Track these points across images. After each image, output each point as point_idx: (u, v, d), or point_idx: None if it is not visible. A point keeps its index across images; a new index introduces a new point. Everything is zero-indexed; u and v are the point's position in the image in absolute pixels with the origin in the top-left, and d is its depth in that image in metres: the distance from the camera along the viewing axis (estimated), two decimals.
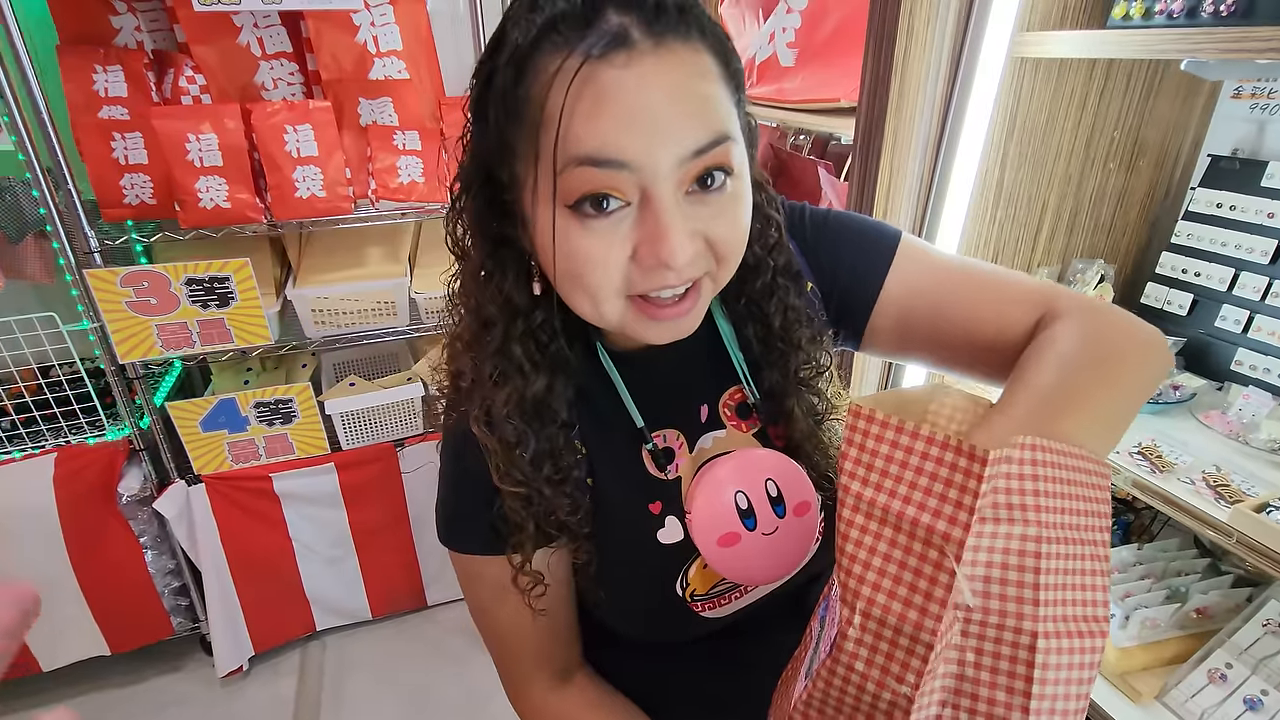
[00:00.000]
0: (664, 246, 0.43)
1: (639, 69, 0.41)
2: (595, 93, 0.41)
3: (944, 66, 0.85)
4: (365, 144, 1.70)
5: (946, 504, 0.36)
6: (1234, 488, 0.76)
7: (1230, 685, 0.81)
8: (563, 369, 0.55)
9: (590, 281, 0.46)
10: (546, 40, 0.42)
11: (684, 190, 0.45)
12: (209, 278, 1.55)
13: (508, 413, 0.53)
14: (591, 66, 0.41)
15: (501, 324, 0.53)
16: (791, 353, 0.58)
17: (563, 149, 0.42)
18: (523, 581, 0.57)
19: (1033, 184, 0.96)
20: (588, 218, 0.44)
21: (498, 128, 0.46)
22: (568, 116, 0.41)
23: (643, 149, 0.42)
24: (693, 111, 0.43)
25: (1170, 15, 0.78)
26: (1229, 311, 0.95)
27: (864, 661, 0.41)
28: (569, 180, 0.43)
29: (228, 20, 1.60)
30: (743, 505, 0.55)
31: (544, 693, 0.65)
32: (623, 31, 0.41)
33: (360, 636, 2.05)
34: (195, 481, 1.72)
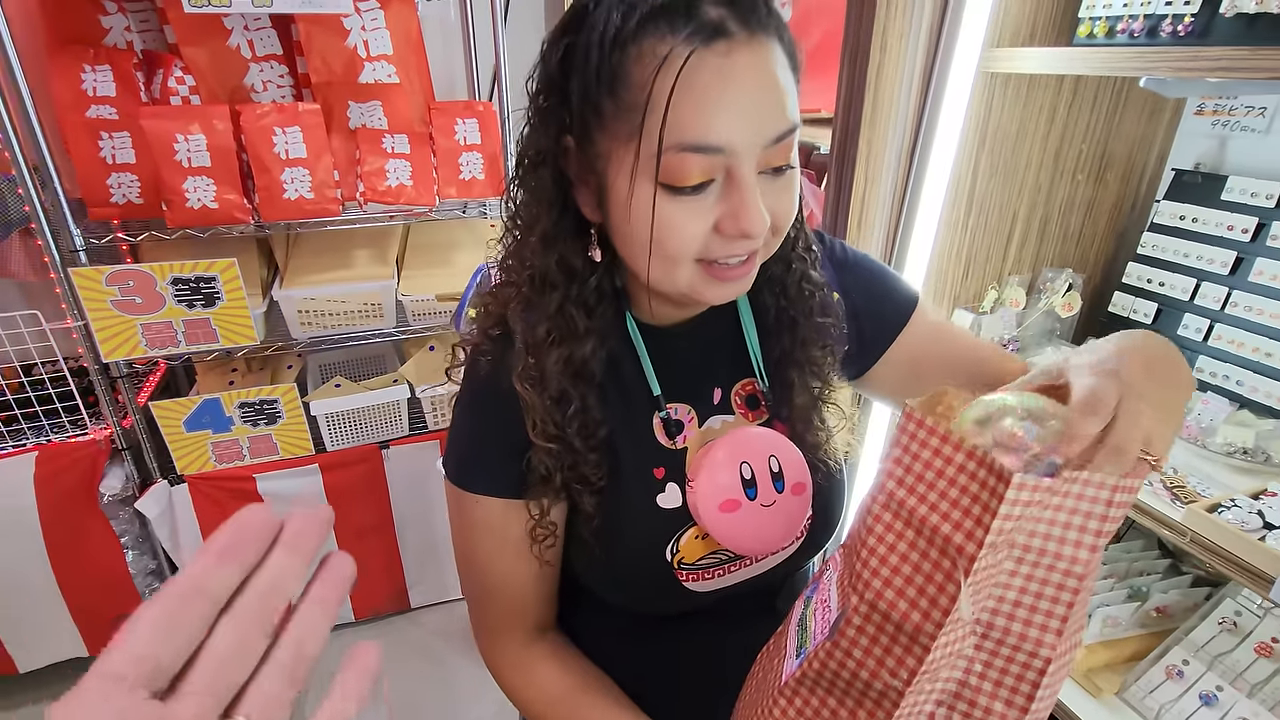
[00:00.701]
0: (747, 220, 0.48)
1: (737, 58, 0.45)
2: (702, 82, 0.45)
3: (916, 80, 0.88)
4: (354, 147, 1.71)
5: (968, 519, 0.37)
6: (1190, 489, 0.79)
7: (1187, 681, 0.84)
8: (605, 333, 0.59)
9: (672, 248, 0.50)
10: (651, 25, 0.45)
11: (759, 171, 0.49)
12: (195, 278, 1.55)
13: (558, 371, 0.56)
14: (698, 56, 0.44)
15: (562, 288, 0.56)
16: (801, 319, 0.62)
17: (669, 133, 0.46)
18: (538, 533, 0.61)
19: (1003, 194, 0.99)
20: (680, 193, 0.48)
21: (584, 101, 0.49)
22: (676, 103, 0.45)
23: (737, 134, 0.46)
24: (776, 101, 0.47)
25: (1131, 34, 0.82)
26: (1190, 320, 0.98)
27: (862, 650, 0.43)
28: (672, 162, 0.46)
29: (218, 22, 1.62)
30: (746, 475, 0.59)
31: (516, 646, 0.67)
32: (721, 23, 0.45)
33: (343, 639, 2.05)
34: (178, 481, 1.72)
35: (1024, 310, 1.06)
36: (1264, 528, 0.71)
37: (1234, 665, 0.84)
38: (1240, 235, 0.94)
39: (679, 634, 0.69)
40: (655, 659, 0.69)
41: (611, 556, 0.64)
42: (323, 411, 1.79)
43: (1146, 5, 0.80)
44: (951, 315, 1.06)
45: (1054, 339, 1.08)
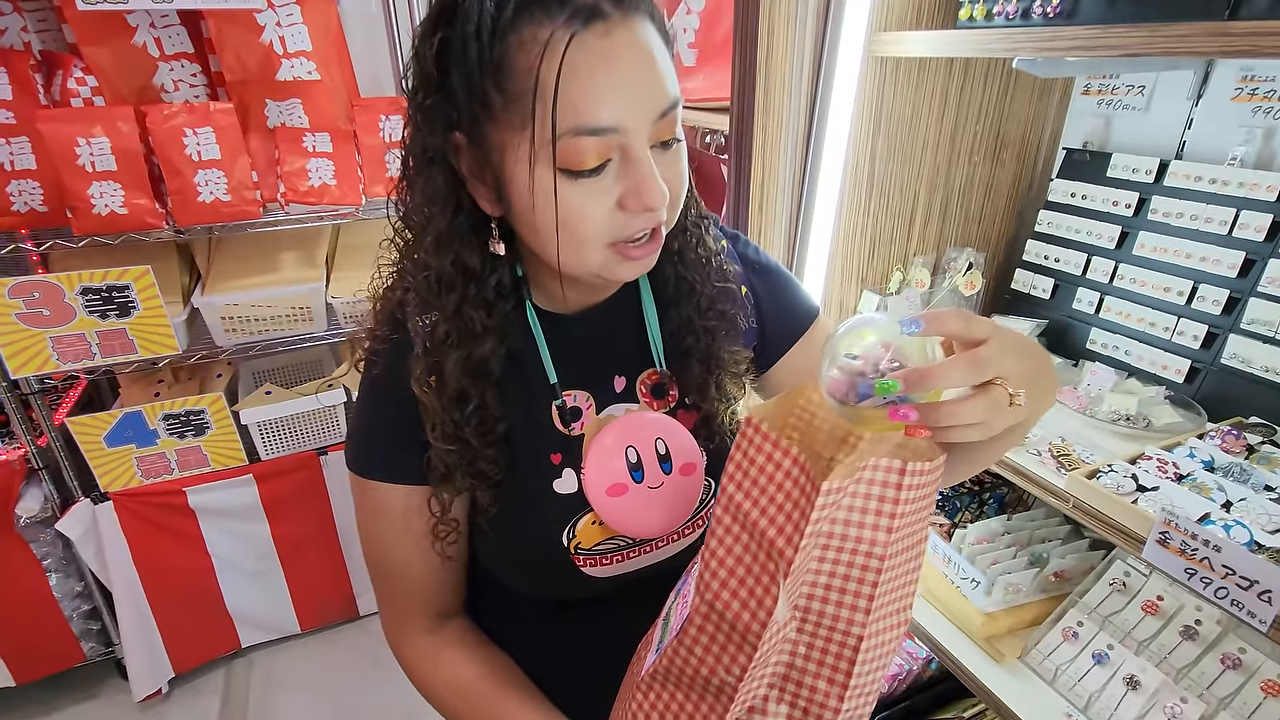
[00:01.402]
0: (649, 194, 0.49)
1: (615, 39, 0.46)
2: (587, 64, 0.45)
3: (807, 66, 0.89)
4: (273, 146, 1.67)
5: (789, 523, 0.39)
6: (1074, 457, 0.81)
7: (1081, 642, 0.87)
8: (506, 329, 0.59)
9: (581, 232, 0.50)
10: (527, 12, 0.46)
11: (650, 145, 0.50)
12: (107, 287, 1.50)
13: (456, 372, 0.56)
14: (579, 39, 0.45)
15: (459, 289, 0.56)
16: (699, 285, 0.63)
17: (562, 119, 0.46)
18: (440, 529, 0.61)
19: (903, 177, 1.01)
20: (580, 176, 0.48)
21: (467, 94, 0.48)
22: (565, 88, 0.45)
23: (627, 113, 0.47)
24: (658, 76, 0.48)
25: (1006, 16, 0.84)
26: (1083, 294, 1.02)
27: (702, 648, 0.44)
28: (568, 147, 0.47)
29: (121, 20, 1.55)
30: (632, 459, 0.59)
31: (420, 634, 0.67)
32: (595, 4, 0.46)
33: (289, 651, 2.00)
34: (102, 499, 1.65)
35: (930, 290, 1.09)
36: (1137, 490, 0.74)
37: (1123, 624, 0.87)
38: (1124, 210, 0.97)
39: (583, 621, 0.69)
40: (560, 645, 0.70)
41: (510, 543, 0.64)
42: (254, 420, 1.75)
43: None
44: (860, 297, 1.07)
45: None
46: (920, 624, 0.97)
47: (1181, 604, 0.86)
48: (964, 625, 0.95)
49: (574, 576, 0.63)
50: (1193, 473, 0.76)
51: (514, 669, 0.68)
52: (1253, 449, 0.80)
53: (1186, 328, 0.90)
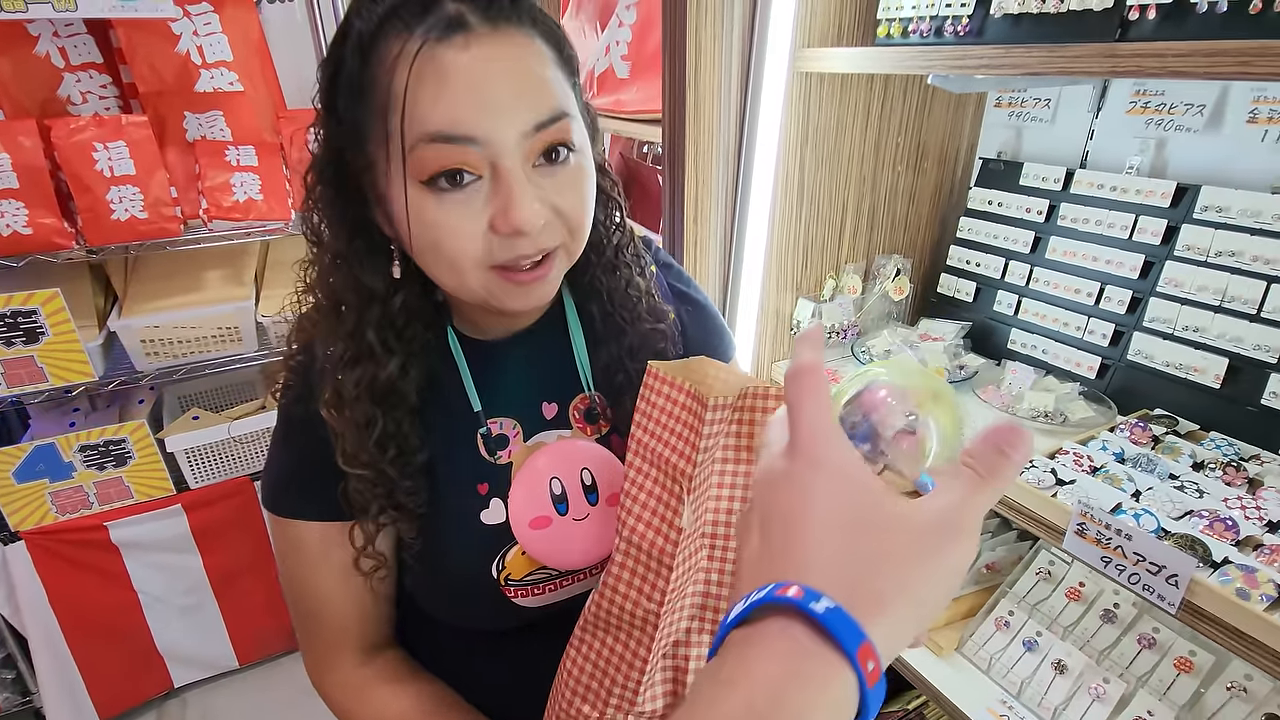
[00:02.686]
0: (515, 214, 0.46)
1: (477, 50, 0.45)
2: (438, 72, 0.44)
3: (735, 80, 0.91)
4: (193, 160, 1.60)
5: (686, 445, 0.42)
6: None
7: (1012, 630, 0.91)
8: (417, 353, 0.57)
9: (450, 253, 0.48)
10: (388, 25, 0.45)
11: (531, 163, 0.48)
12: (11, 312, 1.40)
13: (358, 395, 0.54)
14: (431, 48, 0.44)
15: (355, 308, 0.54)
16: (628, 327, 0.62)
17: (410, 127, 0.45)
18: (365, 564, 0.59)
19: (831, 186, 1.04)
20: (442, 192, 0.47)
21: (348, 113, 0.48)
22: (412, 96, 0.44)
23: (488, 124, 0.45)
24: (531, 90, 0.46)
25: (921, 34, 0.87)
26: (1003, 296, 1.07)
27: (625, 584, 0.47)
28: (420, 157, 0.45)
29: (21, 28, 1.46)
30: (556, 491, 0.58)
31: (349, 668, 0.65)
32: (459, 16, 0.45)
33: (227, 687, 1.91)
34: (13, 539, 1.54)
35: (861, 296, 1.12)
36: (1056, 484, 0.78)
37: (1050, 611, 0.91)
38: (1036, 217, 1.03)
39: (517, 649, 0.68)
40: (494, 674, 0.68)
41: (438, 575, 0.62)
42: (181, 447, 1.66)
43: (932, 7, 0.86)
44: (795, 305, 1.10)
45: (890, 322, 1.15)
46: None
47: (1101, 589, 0.91)
48: None
49: (505, 608, 0.62)
50: (1105, 465, 0.81)
51: (447, 696, 0.66)
52: (1158, 439, 0.85)
53: (1096, 326, 0.96)
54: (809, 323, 1.08)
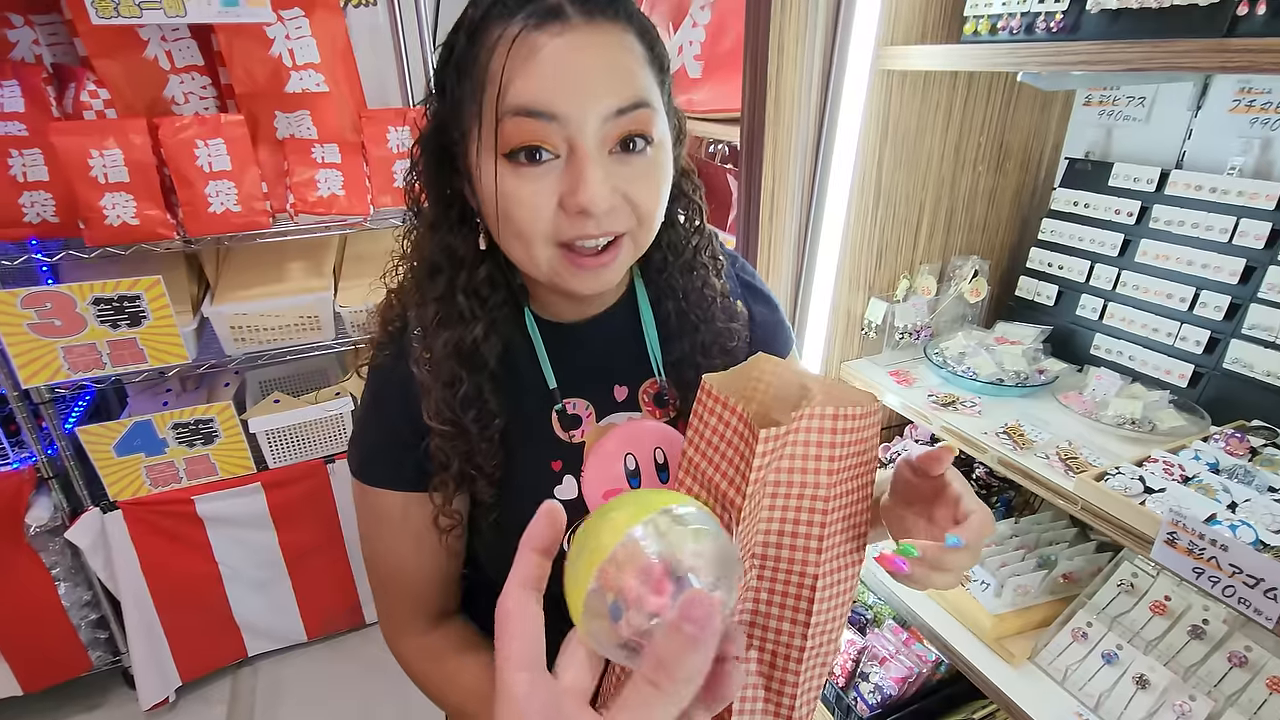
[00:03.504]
0: (584, 193, 0.48)
1: (570, 37, 0.48)
2: (531, 53, 0.47)
3: (816, 79, 0.91)
4: (282, 158, 1.68)
5: (737, 474, 0.42)
6: (1082, 460, 0.83)
7: (1090, 642, 0.88)
8: (498, 323, 0.61)
9: (521, 224, 0.51)
10: (494, 11, 0.49)
11: (608, 149, 0.50)
12: (118, 297, 1.51)
13: (446, 354, 0.58)
14: (529, 33, 0.47)
15: (447, 272, 0.58)
16: (701, 325, 0.64)
17: (501, 103, 0.48)
18: (443, 522, 0.62)
19: (909, 186, 1.03)
20: (521, 166, 0.49)
21: (451, 92, 0.52)
22: (508, 76, 0.48)
23: (570, 102, 0.48)
24: (616, 76, 0.49)
25: (1011, 31, 0.86)
26: (1087, 300, 1.04)
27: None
28: (506, 130, 0.48)
29: (133, 33, 1.57)
30: (630, 466, 0.61)
31: (419, 634, 0.69)
32: (558, 6, 0.48)
33: (295, 660, 2.01)
34: (111, 508, 1.66)
35: (935, 297, 1.10)
36: (1144, 492, 0.75)
37: (1132, 625, 0.88)
38: (1126, 219, 1.00)
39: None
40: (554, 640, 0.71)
41: (508, 547, 0.65)
42: (262, 429, 1.76)
43: (1024, 3, 0.84)
44: (867, 305, 1.09)
45: (965, 324, 1.13)
46: (930, 625, 0.99)
47: (1189, 604, 0.88)
48: (974, 627, 0.96)
49: None
50: (1198, 475, 0.78)
51: None
52: (1256, 451, 0.81)
53: (1189, 333, 0.92)
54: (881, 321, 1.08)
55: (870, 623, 1.28)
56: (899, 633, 1.21)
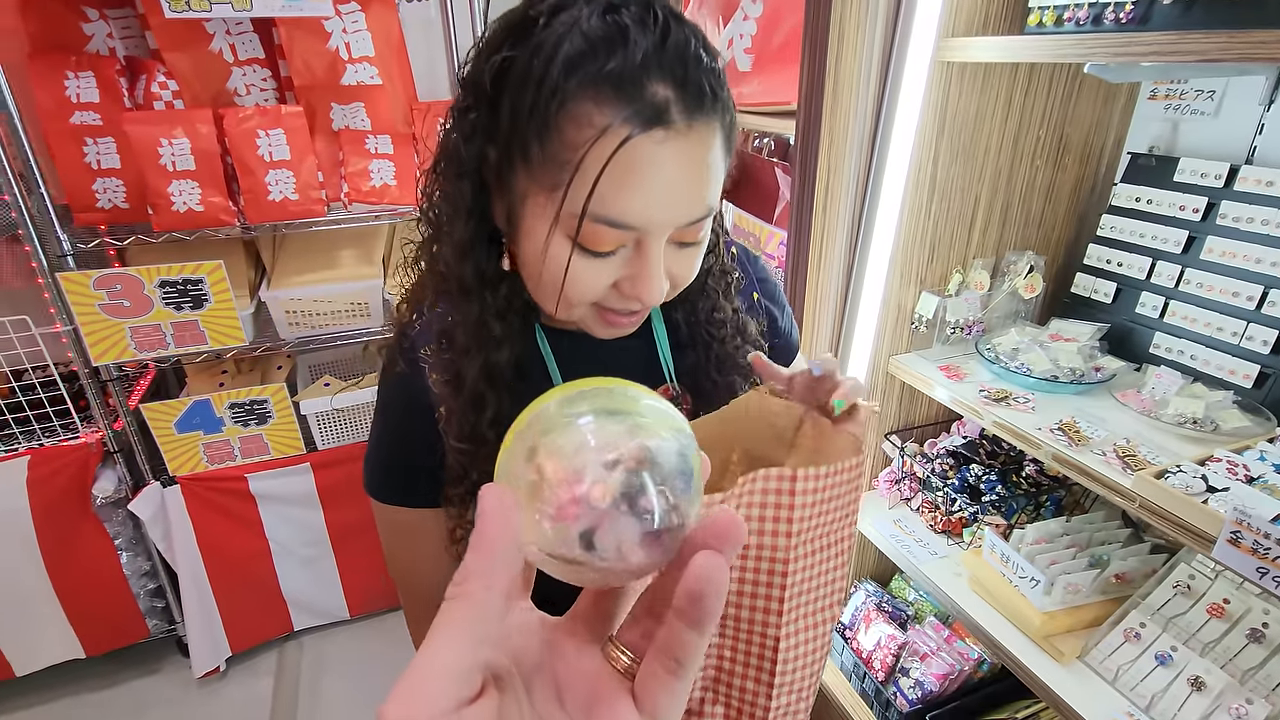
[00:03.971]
0: (646, 288, 0.50)
1: (671, 148, 0.46)
2: (630, 166, 0.45)
3: (874, 70, 0.91)
4: (337, 148, 1.74)
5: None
6: (1140, 458, 0.82)
7: (1144, 643, 0.87)
8: (517, 340, 0.60)
9: (570, 294, 0.51)
10: (593, 89, 0.44)
11: (669, 240, 0.50)
12: (182, 280, 1.57)
13: (476, 377, 0.57)
14: (633, 142, 0.44)
15: (478, 297, 0.56)
16: (714, 343, 0.65)
17: (589, 203, 0.46)
18: (459, 534, 0.62)
19: (964, 179, 1.02)
20: (590, 256, 0.49)
21: (516, 135, 0.47)
22: (604, 181, 0.45)
23: (654, 217, 0.47)
24: (699, 189, 0.48)
25: (1077, 22, 0.85)
26: (1147, 298, 1.02)
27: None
28: (589, 230, 0.47)
29: (200, 27, 1.64)
30: None
31: None
32: (664, 108, 0.45)
33: (337, 636, 2.07)
34: (170, 483, 1.74)
35: (988, 293, 1.09)
36: (1207, 491, 0.74)
37: (1188, 626, 0.87)
38: (1191, 215, 0.97)
39: None
40: None
41: None
42: (313, 411, 1.81)
43: None
44: (918, 299, 1.09)
45: (1019, 320, 1.11)
46: (976, 621, 0.98)
47: (1248, 607, 0.86)
48: (1022, 624, 0.95)
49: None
50: (1263, 475, 0.76)
51: None
52: None
53: (1256, 332, 0.90)
54: (932, 316, 1.07)
55: (911, 619, 1.28)
56: (940, 629, 1.21)
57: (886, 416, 1.19)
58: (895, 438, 1.19)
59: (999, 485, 1.08)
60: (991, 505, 1.06)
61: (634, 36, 0.44)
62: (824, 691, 1.34)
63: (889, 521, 1.17)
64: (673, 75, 0.45)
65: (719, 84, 0.47)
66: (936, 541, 1.12)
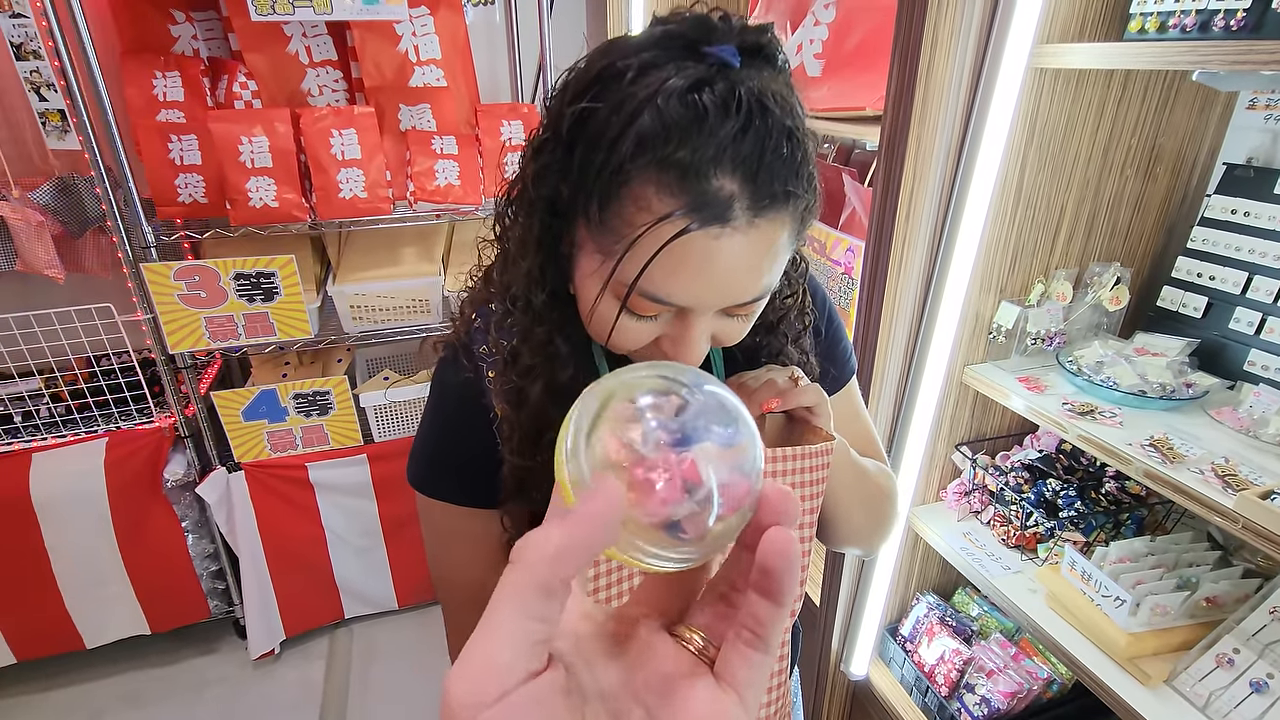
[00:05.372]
0: (685, 353, 0.51)
1: (728, 244, 0.45)
2: (684, 258, 0.45)
3: (966, 76, 0.90)
4: (404, 148, 1.78)
5: None
6: (1241, 477, 0.79)
7: (1237, 669, 0.84)
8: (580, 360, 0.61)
9: (615, 343, 0.52)
10: (659, 174, 0.43)
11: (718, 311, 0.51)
12: (256, 273, 1.63)
13: (538, 397, 0.57)
14: (689, 236, 0.43)
15: (549, 321, 0.56)
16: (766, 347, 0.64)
17: (637, 277, 0.46)
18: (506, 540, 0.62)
19: (1051, 188, 1.00)
20: (636, 318, 0.50)
21: (581, 191, 0.48)
22: (654, 266, 0.45)
23: (700, 299, 0.48)
24: (754, 277, 0.48)
25: (1183, 29, 0.83)
26: (1242, 314, 0.98)
27: None
28: (635, 300, 0.48)
29: (278, 30, 1.69)
30: None
31: None
32: (728, 204, 0.43)
33: (385, 625, 2.11)
34: (235, 469, 1.79)
35: (1070, 304, 1.07)
36: None
37: None
38: None
39: None
40: None
41: None
42: (371, 404, 1.86)
43: (1198, 1, 0.81)
44: (997, 307, 1.07)
45: (1101, 333, 1.09)
46: (1055, 639, 0.96)
47: None
48: (1105, 644, 0.93)
49: None
50: None
51: None
52: None
53: None
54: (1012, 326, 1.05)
55: (976, 634, 1.25)
56: (1007, 646, 1.18)
57: (958, 427, 1.17)
58: (966, 449, 1.17)
59: (1077, 501, 1.06)
60: (1070, 521, 1.04)
61: (710, 124, 0.42)
62: (882, 703, 1.32)
63: (958, 534, 1.15)
64: (744, 170, 0.43)
65: (796, 175, 0.45)
66: (1009, 556, 1.10)
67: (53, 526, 1.69)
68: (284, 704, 1.86)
